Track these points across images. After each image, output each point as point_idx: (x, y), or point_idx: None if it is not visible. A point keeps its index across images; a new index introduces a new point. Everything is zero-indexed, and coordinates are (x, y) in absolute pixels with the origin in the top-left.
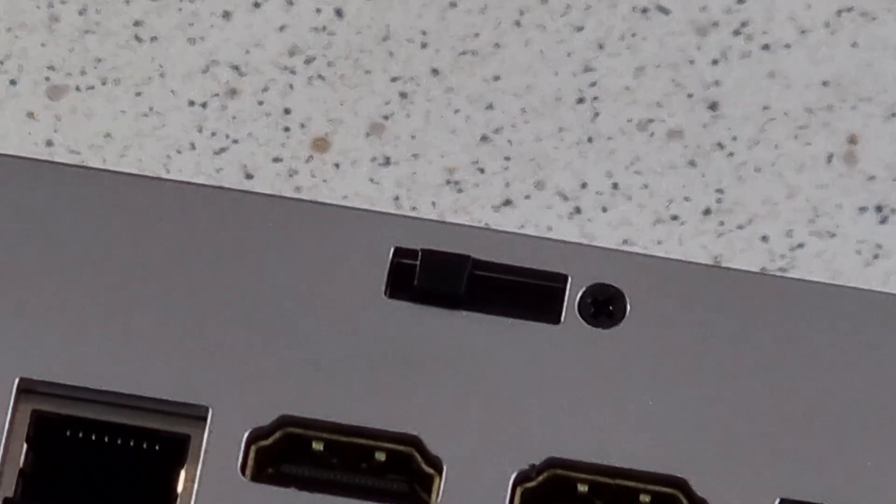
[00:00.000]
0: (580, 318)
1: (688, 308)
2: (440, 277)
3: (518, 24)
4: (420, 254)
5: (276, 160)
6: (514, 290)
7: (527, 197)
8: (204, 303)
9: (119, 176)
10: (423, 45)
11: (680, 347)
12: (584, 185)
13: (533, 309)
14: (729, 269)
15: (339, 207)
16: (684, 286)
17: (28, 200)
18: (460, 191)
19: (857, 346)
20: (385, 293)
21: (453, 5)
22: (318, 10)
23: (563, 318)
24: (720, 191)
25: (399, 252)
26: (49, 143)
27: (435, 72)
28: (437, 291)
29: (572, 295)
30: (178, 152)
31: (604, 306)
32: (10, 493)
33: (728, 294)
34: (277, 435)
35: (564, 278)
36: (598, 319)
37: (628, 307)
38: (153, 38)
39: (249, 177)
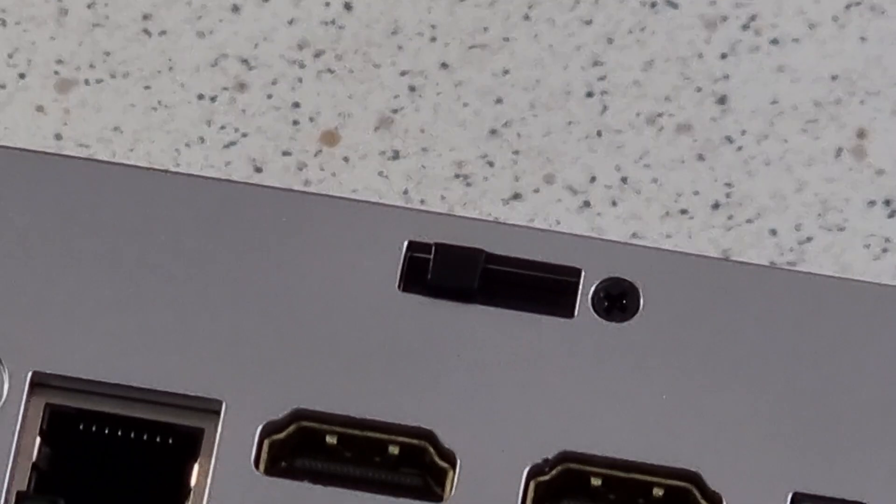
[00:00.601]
0: (594, 313)
1: (701, 302)
2: (454, 272)
3: (527, 17)
4: (434, 248)
5: (286, 154)
6: (528, 284)
7: (536, 191)
8: (217, 297)
9: (131, 169)
10: (433, 39)
11: (693, 342)
12: (593, 179)
13: (546, 303)
14: (742, 263)
15: (353, 201)
16: (698, 280)
17: (39, 194)
18: (469, 184)
19: (869, 339)
20: (399, 287)
21: None
22: (327, 4)
23: (576, 313)
24: (729, 185)
25: (413, 246)
26: (58, 137)
27: (444, 65)
28: (450, 286)
29: (586, 289)
30: (187, 146)
31: (617, 300)
32: (23, 487)
33: (742, 288)
34: (291, 429)
35: (578, 272)
36: (612, 313)
37: (642, 301)
38: (162, 32)
39: (258, 170)
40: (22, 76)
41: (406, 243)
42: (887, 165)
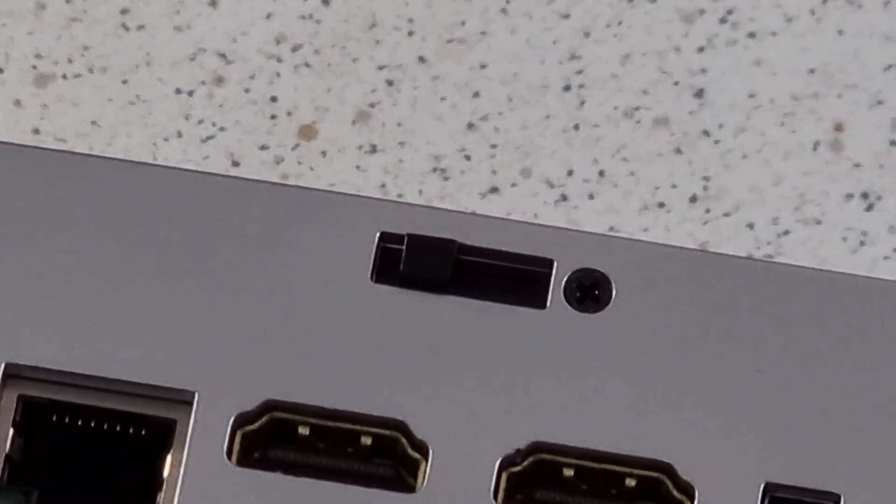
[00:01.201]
0: (566, 303)
1: (674, 293)
2: (426, 262)
3: (504, 11)
4: (406, 239)
5: (263, 148)
6: (500, 274)
7: (513, 184)
8: (190, 288)
9: (105, 161)
10: (410, 33)
11: (666, 332)
12: (570, 173)
13: (519, 294)
14: (715, 253)
15: (326, 192)
16: (670, 271)
17: (13, 186)
18: (447, 178)
19: (843, 330)
20: (371, 278)
21: None
22: None
23: (548, 303)
24: (706, 178)
25: (385, 237)
26: (36, 132)
27: (421, 59)
28: (422, 276)
29: (558, 280)
30: (165, 140)
31: (590, 291)
32: None
33: (714, 279)
34: (263, 420)
35: (550, 263)
36: (584, 304)
37: (614, 292)
38: (140, 27)
39: (236, 164)
40: (0, 71)
41: (378, 234)
42: (865, 159)
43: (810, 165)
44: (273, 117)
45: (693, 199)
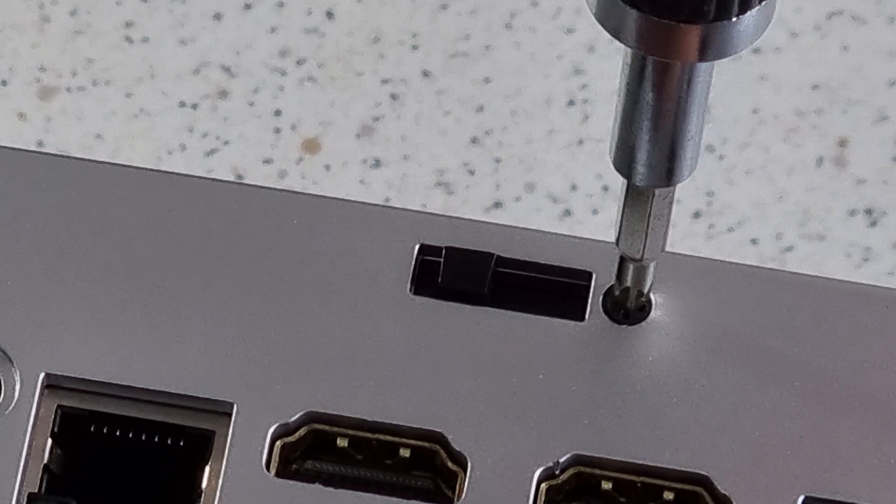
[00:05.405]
0: (605, 316)
1: (713, 306)
2: (464, 276)
3: (509, 26)
4: (444, 252)
5: (267, 162)
6: (539, 287)
7: (517, 199)
8: (229, 299)
9: (140, 171)
10: (414, 47)
11: (705, 345)
12: (574, 188)
13: (557, 306)
14: (753, 266)
15: (365, 204)
16: (709, 284)
17: (48, 196)
18: (450, 193)
19: (885, 343)
20: (410, 290)
21: (444, 7)
22: (309, 12)
23: (587, 316)
24: (710, 193)
25: (424, 249)
26: (39, 145)
27: (426, 73)
28: (461, 289)
29: (597, 292)
30: (169, 153)
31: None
32: (34, 489)
33: (753, 292)
34: (302, 431)
35: (589, 275)
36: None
37: (653, 304)
38: (144, 39)
39: (240, 178)
40: (4, 83)
41: (417, 246)
42: (868, 174)
43: (814, 181)
44: (277, 131)
45: (696, 214)
